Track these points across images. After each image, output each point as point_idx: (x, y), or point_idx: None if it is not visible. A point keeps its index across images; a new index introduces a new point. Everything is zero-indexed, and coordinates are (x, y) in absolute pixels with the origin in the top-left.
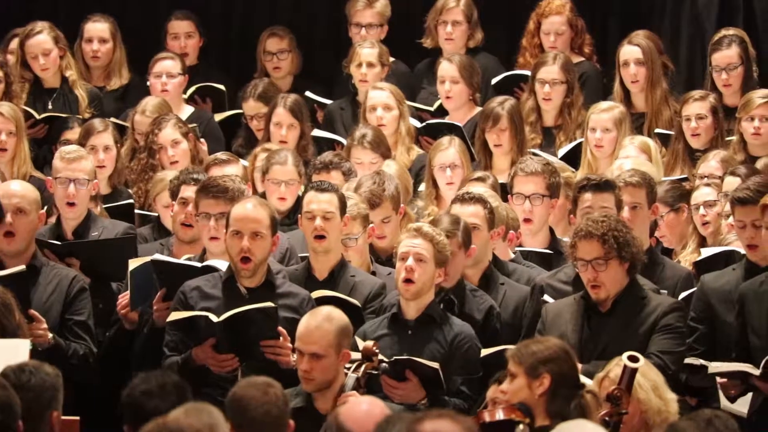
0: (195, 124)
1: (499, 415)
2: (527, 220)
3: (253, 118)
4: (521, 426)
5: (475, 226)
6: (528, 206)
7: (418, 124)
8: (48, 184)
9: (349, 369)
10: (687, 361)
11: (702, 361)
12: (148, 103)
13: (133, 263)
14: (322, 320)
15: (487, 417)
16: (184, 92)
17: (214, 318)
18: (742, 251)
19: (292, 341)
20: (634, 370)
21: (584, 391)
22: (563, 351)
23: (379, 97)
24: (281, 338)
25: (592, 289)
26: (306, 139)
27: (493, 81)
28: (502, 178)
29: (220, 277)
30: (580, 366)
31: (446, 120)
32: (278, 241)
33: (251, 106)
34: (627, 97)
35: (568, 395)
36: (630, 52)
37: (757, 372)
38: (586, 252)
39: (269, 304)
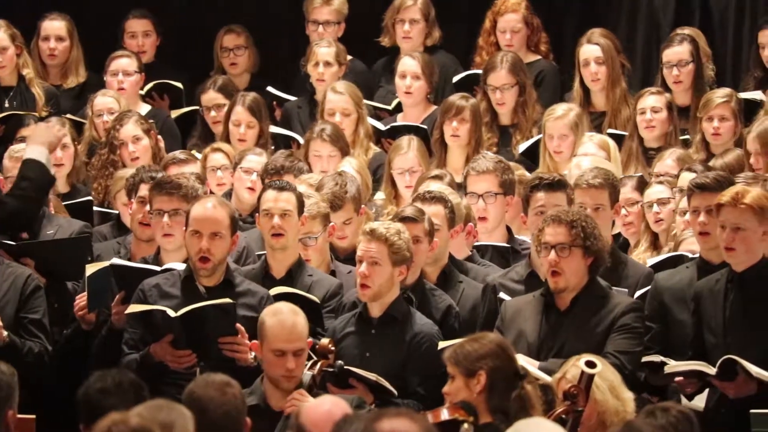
0: (152, 121)
1: (444, 415)
2: (482, 219)
3: (211, 109)
4: (466, 425)
5: (436, 225)
6: (482, 205)
7: (380, 126)
8: (0, 183)
9: (305, 366)
10: (646, 359)
11: (662, 358)
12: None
13: (91, 268)
14: (293, 316)
15: (431, 418)
16: (141, 89)
17: (171, 313)
18: (691, 255)
19: (251, 339)
20: (592, 376)
21: (524, 383)
22: (498, 346)
23: (338, 102)
24: (239, 335)
25: (552, 276)
26: (265, 138)
27: (455, 79)
28: (458, 177)
29: (179, 276)
30: (537, 363)
31: (403, 119)
32: (238, 240)
33: (210, 97)
34: (587, 96)
35: (507, 389)
36: (590, 51)
37: (712, 371)
38: (552, 235)
39: (227, 300)
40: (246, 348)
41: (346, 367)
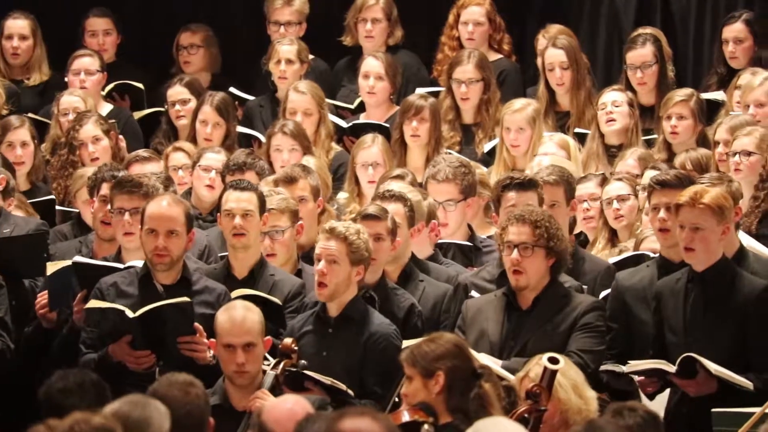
0: (113, 121)
1: (405, 417)
2: (443, 224)
3: (175, 104)
4: (426, 426)
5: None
6: (442, 212)
7: (342, 123)
8: None
9: (268, 366)
10: (604, 368)
11: (623, 368)
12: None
13: (52, 266)
14: (244, 311)
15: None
16: (103, 89)
17: (129, 313)
18: (652, 254)
19: (210, 337)
20: (554, 372)
21: (482, 382)
22: (455, 346)
23: (299, 102)
24: (197, 334)
25: (514, 274)
26: (231, 138)
27: (419, 90)
28: (418, 177)
29: (136, 274)
30: (500, 362)
31: (367, 119)
32: (194, 237)
33: (176, 91)
34: (552, 97)
35: (466, 388)
36: (555, 55)
37: (672, 369)
38: (516, 234)
39: (184, 299)
40: (204, 347)
41: (302, 370)
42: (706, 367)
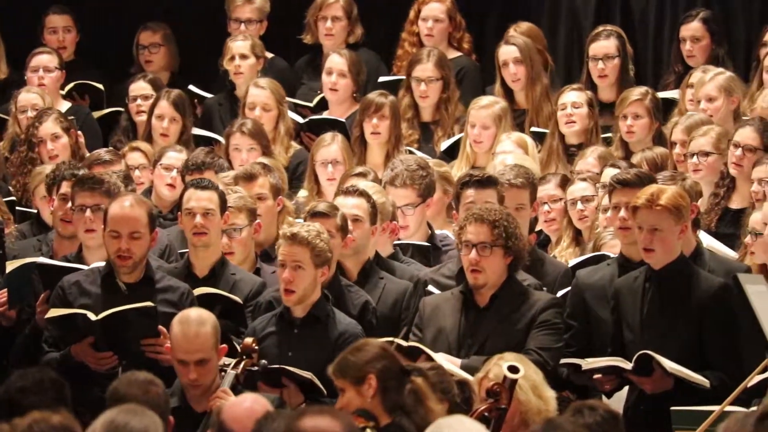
0: (72, 118)
1: None
2: (403, 227)
3: (137, 98)
4: (368, 430)
5: (357, 218)
6: (401, 215)
7: (299, 119)
8: None
9: (228, 366)
10: (565, 361)
11: (581, 361)
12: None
13: (11, 264)
14: (197, 326)
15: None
16: (62, 88)
17: (92, 316)
18: (613, 255)
19: None
20: (515, 381)
21: (413, 377)
22: (380, 348)
23: (259, 97)
24: (161, 336)
25: (472, 273)
26: (187, 135)
27: (381, 79)
28: (378, 173)
29: (99, 272)
30: (459, 361)
31: (328, 115)
32: (157, 237)
33: (138, 86)
34: (509, 95)
35: (399, 386)
36: (508, 52)
37: (629, 366)
38: (474, 234)
39: (148, 303)
40: (168, 348)
41: (281, 366)
42: (662, 364)
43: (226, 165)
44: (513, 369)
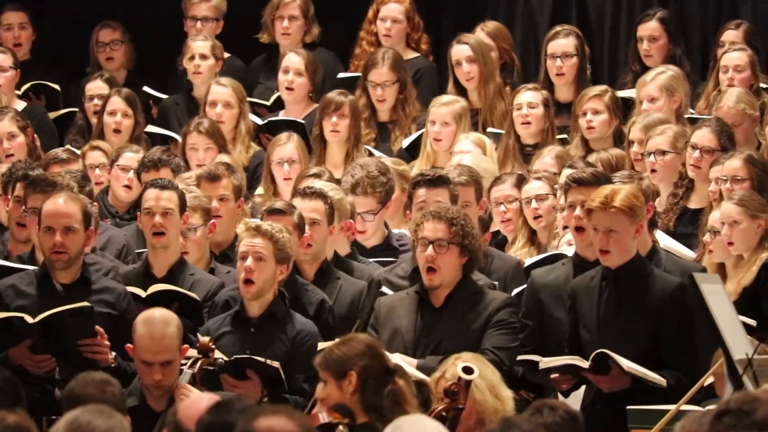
0: (27, 120)
1: (323, 418)
2: (361, 232)
3: (93, 98)
4: (340, 427)
5: (315, 221)
6: (360, 221)
7: (258, 121)
8: None
9: (183, 365)
10: (522, 357)
11: (539, 358)
12: None
13: None
14: (163, 327)
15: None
16: (18, 87)
17: (29, 319)
18: (569, 254)
19: (110, 338)
20: (469, 382)
21: (396, 378)
22: (366, 345)
23: (221, 94)
24: (98, 336)
25: (428, 273)
26: (139, 131)
27: (339, 75)
28: (337, 173)
29: (35, 274)
30: (415, 361)
31: (285, 116)
32: (93, 235)
33: (95, 86)
34: (462, 94)
35: (379, 386)
36: (460, 51)
37: (585, 365)
38: (431, 231)
39: (84, 303)
40: (106, 348)
41: (250, 356)
42: (619, 363)
43: (182, 163)
44: (467, 370)
